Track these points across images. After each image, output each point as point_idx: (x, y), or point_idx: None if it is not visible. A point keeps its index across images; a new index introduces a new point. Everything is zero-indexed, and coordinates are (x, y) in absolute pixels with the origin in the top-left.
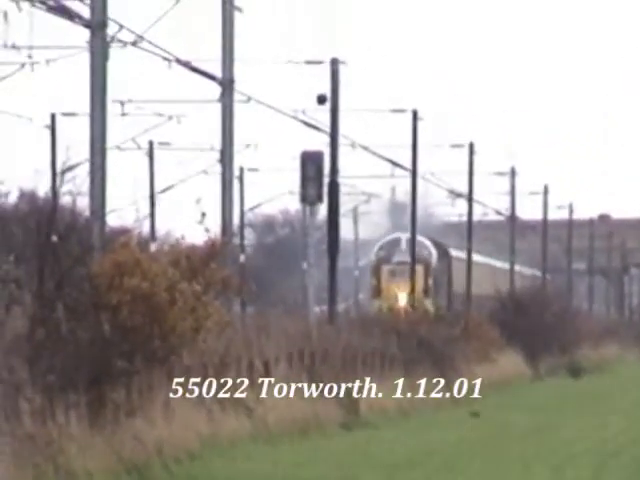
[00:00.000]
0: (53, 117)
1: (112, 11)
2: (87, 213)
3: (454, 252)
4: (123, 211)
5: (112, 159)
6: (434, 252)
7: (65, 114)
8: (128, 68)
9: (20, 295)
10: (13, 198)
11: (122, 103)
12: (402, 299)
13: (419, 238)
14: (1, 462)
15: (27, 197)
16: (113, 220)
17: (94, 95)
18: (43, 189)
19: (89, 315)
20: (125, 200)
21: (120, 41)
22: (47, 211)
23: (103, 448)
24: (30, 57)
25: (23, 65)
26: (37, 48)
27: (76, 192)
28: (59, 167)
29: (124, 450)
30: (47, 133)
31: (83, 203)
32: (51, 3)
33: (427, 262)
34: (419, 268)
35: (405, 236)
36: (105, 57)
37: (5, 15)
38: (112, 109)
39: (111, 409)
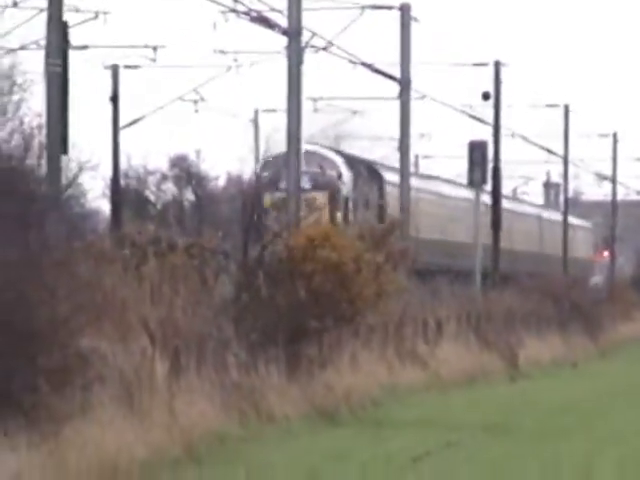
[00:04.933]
0: (256, 113)
1: (306, 20)
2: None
3: (390, 176)
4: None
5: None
6: (346, 173)
7: (266, 110)
8: (320, 69)
9: (227, 265)
10: (222, 182)
11: (314, 100)
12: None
13: (321, 150)
14: (212, 408)
15: (234, 181)
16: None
17: (290, 94)
18: (247, 174)
19: (286, 282)
20: None
21: (313, 47)
22: (251, 193)
23: (298, 396)
24: (236, 60)
25: (229, 68)
26: (241, 53)
27: (274, 177)
28: (261, 156)
29: (316, 397)
30: (251, 127)
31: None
32: (253, 14)
33: (333, 188)
34: (320, 197)
35: (303, 148)
36: (300, 61)
37: (214, 25)
38: (306, 106)
39: (305, 362)
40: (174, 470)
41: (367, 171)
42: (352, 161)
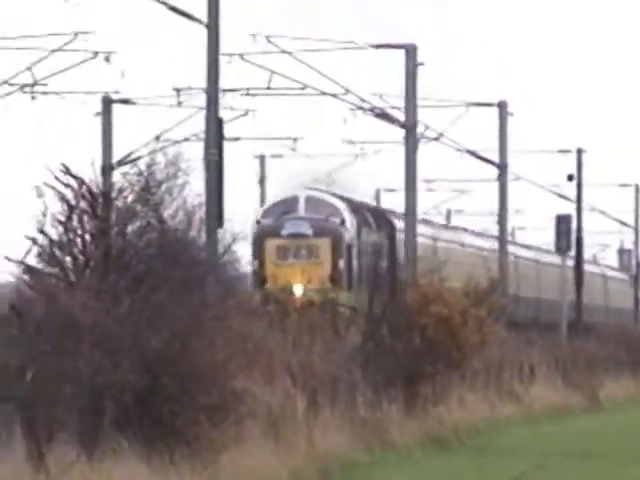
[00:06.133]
0: (377, 192)
1: (420, 115)
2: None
3: (402, 224)
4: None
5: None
6: (350, 219)
7: (387, 190)
8: (432, 155)
9: (355, 319)
10: None
11: (428, 181)
12: (297, 291)
13: (324, 196)
14: (344, 438)
15: None
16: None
17: (408, 176)
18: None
19: (404, 333)
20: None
21: (426, 137)
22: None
23: (415, 428)
24: (362, 149)
25: (357, 155)
26: (367, 143)
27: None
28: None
29: (430, 429)
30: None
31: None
32: (377, 111)
33: (336, 234)
34: (323, 244)
35: (305, 194)
36: (415, 149)
37: (345, 120)
38: (421, 186)
39: (421, 400)
40: None
41: (375, 218)
42: (357, 207)
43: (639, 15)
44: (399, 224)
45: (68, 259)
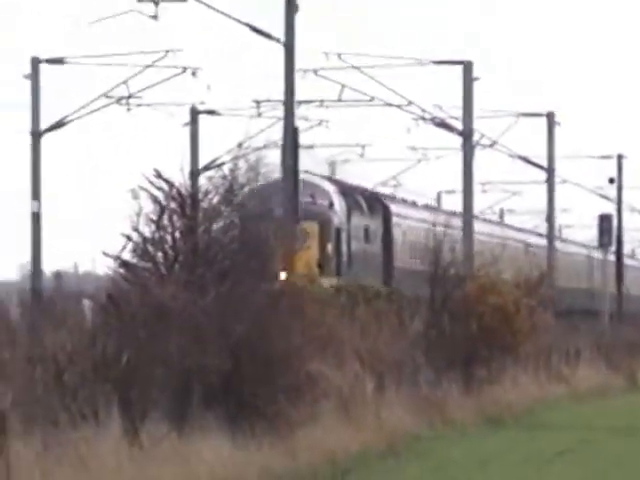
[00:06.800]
0: (439, 195)
1: (476, 124)
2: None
3: (399, 208)
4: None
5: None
6: (339, 202)
7: (447, 192)
8: (487, 160)
9: (418, 309)
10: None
11: (483, 184)
12: (281, 276)
13: (312, 179)
14: (408, 415)
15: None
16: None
17: (465, 179)
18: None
19: (463, 320)
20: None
21: (481, 144)
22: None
23: (472, 406)
24: (424, 155)
25: (419, 160)
26: (428, 149)
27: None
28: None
29: (486, 407)
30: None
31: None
32: (437, 120)
33: (325, 218)
34: (311, 228)
35: None
36: (472, 155)
37: (408, 129)
38: (477, 188)
39: (478, 382)
40: (380, 460)
41: (368, 202)
42: (347, 190)
43: None
44: (395, 209)
45: (159, 254)
